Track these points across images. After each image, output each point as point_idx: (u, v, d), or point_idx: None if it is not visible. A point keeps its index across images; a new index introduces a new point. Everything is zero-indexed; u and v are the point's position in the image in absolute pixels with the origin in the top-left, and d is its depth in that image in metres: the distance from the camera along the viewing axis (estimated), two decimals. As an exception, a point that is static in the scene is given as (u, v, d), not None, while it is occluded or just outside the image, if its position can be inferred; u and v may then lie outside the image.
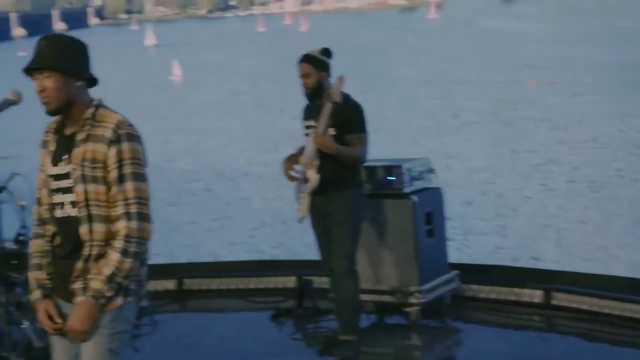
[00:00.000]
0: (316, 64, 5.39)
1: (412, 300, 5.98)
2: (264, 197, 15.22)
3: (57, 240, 3.40)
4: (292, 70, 5.57)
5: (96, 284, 3.25)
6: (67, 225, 3.35)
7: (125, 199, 3.28)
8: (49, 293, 3.43)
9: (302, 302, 6.35)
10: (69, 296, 3.36)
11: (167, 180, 15.93)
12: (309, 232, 5.72)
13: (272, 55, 48.23)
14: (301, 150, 5.52)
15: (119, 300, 3.31)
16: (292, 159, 5.56)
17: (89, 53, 3.41)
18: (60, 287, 3.40)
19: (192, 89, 35.16)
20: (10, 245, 6.05)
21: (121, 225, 3.27)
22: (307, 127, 5.48)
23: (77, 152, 3.32)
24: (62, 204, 3.37)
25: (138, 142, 3.33)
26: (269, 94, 30.91)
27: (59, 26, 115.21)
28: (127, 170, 3.29)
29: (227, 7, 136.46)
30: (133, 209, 3.28)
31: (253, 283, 7.00)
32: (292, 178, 5.52)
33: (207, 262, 8.02)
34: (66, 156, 3.34)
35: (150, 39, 69.04)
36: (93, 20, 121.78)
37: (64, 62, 3.30)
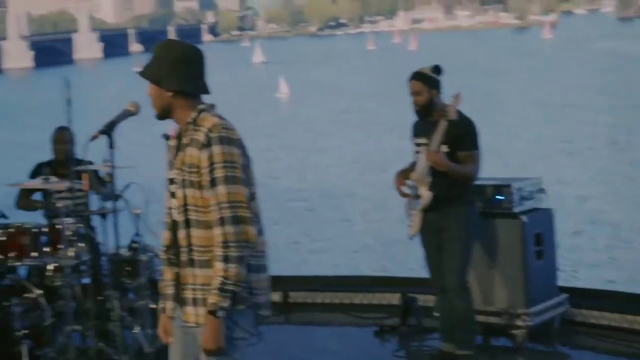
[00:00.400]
0: (427, 81, 5.41)
1: (519, 322, 5.92)
2: (367, 219, 15.23)
3: (170, 245, 3.45)
4: (401, 90, 5.60)
5: (211, 298, 3.24)
6: (174, 230, 3.39)
7: (218, 204, 3.24)
8: (164, 307, 3.51)
9: (406, 319, 6.37)
10: (182, 302, 3.40)
11: (271, 198, 16.11)
12: (411, 255, 5.73)
13: (380, 73, 48.30)
14: (413, 166, 5.53)
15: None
16: (404, 174, 5.57)
17: (195, 62, 3.38)
18: (175, 292, 3.45)
19: (299, 107, 35.56)
20: (124, 252, 6.28)
21: (217, 232, 3.23)
22: (418, 144, 5.49)
23: (180, 156, 3.34)
24: (172, 208, 3.41)
25: (231, 145, 3.27)
26: (377, 113, 30.97)
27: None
28: (219, 173, 3.24)
29: (338, 25, 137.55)
30: (227, 213, 3.22)
31: (357, 298, 7.06)
32: (403, 194, 5.54)
33: (313, 275, 8.12)
34: (175, 161, 3.39)
35: (258, 56, 70.21)
36: (206, 37, 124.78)
37: (154, 71, 3.34)
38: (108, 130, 3.22)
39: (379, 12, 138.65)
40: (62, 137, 6.71)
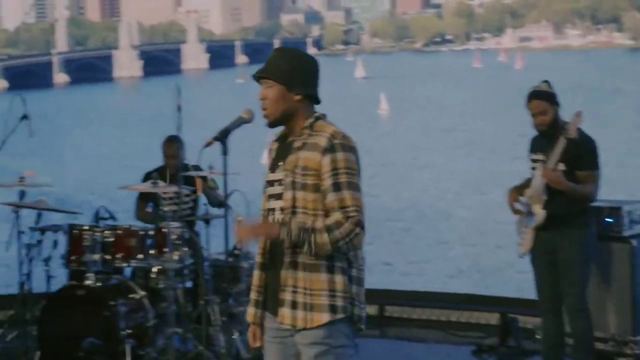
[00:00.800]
0: (549, 98, 5.27)
1: (627, 350, 5.81)
2: (464, 243, 15.04)
3: (268, 249, 3.47)
4: (504, 109, 5.55)
5: (293, 222, 3.31)
6: None
7: (344, 207, 3.30)
8: (260, 317, 3.55)
9: (505, 340, 6.31)
10: (276, 305, 3.41)
11: (367, 216, 16.02)
12: (508, 282, 5.64)
13: (485, 92, 47.79)
14: (527, 182, 5.42)
15: (325, 316, 3.33)
16: (518, 190, 5.44)
17: (317, 70, 3.46)
18: (269, 300, 3.47)
19: (400, 123, 35.49)
20: (226, 258, 6.43)
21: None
22: (535, 160, 5.36)
23: (291, 158, 3.37)
24: (273, 210, 3.43)
25: (352, 153, 3.36)
26: (479, 133, 30.62)
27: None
28: (343, 179, 3.31)
29: (443, 41, 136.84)
30: (355, 215, 3.29)
31: (454, 316, 7.04)
32: (516, 211, 5.43)
33: (410, 290, 8.13)
34: (281, 163, 3.42)
35: (360, 71, 70.43)
36: (311, 50, 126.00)
37: (285, 73, 3.37)
38: (222, 137, 3.29)
39: (486, 29, 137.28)
40: (172, 148, 6.76)
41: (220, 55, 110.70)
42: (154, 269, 6.15)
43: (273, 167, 3.46)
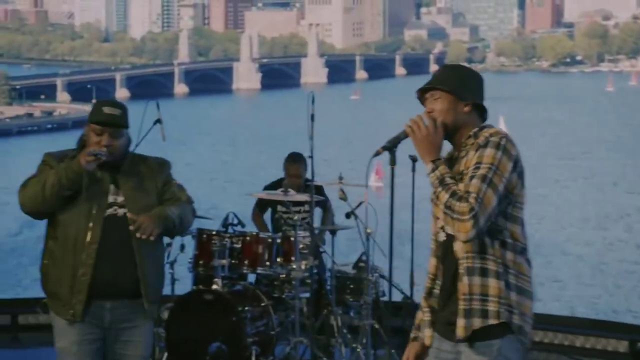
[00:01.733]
0: None
1: None
2: (580, 282, 14.55)
3: (438, 270, 3.41)
4: (632, 138, 5.46)
5: (442, 164, 3.28)
6: (445, 249, 3.37)
7: (467, 191, 3.19)
8: (417, 336, 3.50)
9: (632, 369, 6.27)
10: (446, 331, 3.35)
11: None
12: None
13: (613, 118, 46.37)
14: None
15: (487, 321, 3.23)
16: None
17: (483, 84, 3.45)
18: (438, 321, 3.41)
19: (520, 148, 34.79)
20: (349, 270, 6.60)
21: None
22: None
23: (456, 169, 3.34)
24: (443, 228, 3.38)
25: (506, 156, 3.25)
26: (604, 163, 29.71)
27: (399, 71, 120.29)
28: (481, 171, 3.21)
29: (573, 62, 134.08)
30: (471, 201, 3.17)
31: (579, 341, 7.01)
32: None
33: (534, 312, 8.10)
34: None
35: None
36: (433, 67, 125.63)
37: (455, 82, 3.38)
38: (391, 146, 3.37)
39: (621, 50, 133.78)
40: (296, 168, 6.91)
41: (339, 69, 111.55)
42: (280, 277, 6.32)
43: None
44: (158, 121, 6.23)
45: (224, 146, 52.58)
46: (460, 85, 3.38)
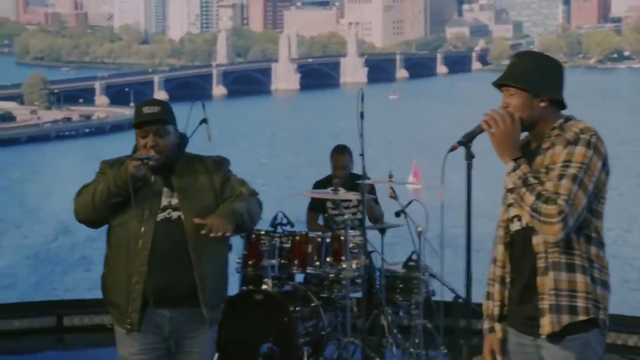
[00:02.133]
0: None
1: None
2: (627, 287, 14.38)
3: (506, 258, 3.42)
4: None
5: (523, 162, 3.26)
6: (520, 240, 3.37)
7: (556, 193, 3.18)
8: (493, 326, 3.48)
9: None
10: (526, 326, 3.35)
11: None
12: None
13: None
14: None
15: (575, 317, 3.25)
16: None
17: (562, 73, 3.39)
18: (515, 315, 3.40)
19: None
20: (399, 269, 6.62)
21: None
22: None
23: (539, 160, 3.32)
24: (513, 219, 3.39)
25: (596, 154, 3.25)
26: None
27: (440, 69, 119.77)
28: (571, 170, 3.20)
29: (621, 58, 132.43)
30: (560, 203, 3.16)
31: (632, 340, 7.01)
32: None
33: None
34: None
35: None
36: (475, 65, 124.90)
37: (529, 79, 3.32)
38: (467, 141, 3.38)
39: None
40: (342, 159, 6.93)
41: (379, 69, 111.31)
42: (329, 277, 6.35)
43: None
44: (204, 121, 6.27)
45: (262, 148, 52.74)
46: (536, 81, 3.32)
